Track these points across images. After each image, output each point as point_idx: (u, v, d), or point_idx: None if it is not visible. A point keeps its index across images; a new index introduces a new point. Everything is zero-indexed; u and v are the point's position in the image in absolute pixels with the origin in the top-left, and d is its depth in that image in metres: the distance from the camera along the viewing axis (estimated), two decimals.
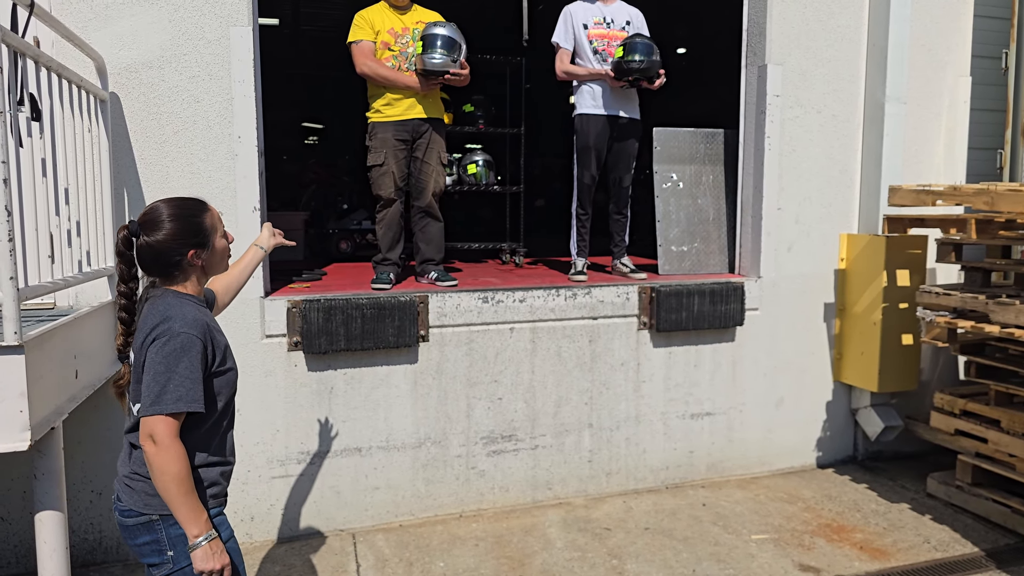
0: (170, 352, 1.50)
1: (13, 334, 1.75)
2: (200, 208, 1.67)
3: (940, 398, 3.57)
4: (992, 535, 3.19)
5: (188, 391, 1.50)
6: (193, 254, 1.62)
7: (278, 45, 8.79)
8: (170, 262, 1.60)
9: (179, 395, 1.49)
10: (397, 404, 3.22)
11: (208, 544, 1.51)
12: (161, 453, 1.47)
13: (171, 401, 1.48)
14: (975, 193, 3.02)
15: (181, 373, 1.50)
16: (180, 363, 1.50)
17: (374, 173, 3.47)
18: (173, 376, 1.49)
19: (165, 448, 1.47)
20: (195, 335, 1.54)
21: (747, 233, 3.90)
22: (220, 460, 1.67)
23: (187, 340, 1.52)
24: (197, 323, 1.56)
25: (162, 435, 1.47)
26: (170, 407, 1.48)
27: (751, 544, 3.10)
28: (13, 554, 2.86)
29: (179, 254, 1.60)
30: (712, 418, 3.76)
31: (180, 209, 1.62)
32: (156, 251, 1.58)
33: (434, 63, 3.32)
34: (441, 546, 3.05)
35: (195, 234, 1.62)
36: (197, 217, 1.64)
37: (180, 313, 1.55)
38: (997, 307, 2.94)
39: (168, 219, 1.59)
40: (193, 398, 1.51)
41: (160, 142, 2.91)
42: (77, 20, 2.77)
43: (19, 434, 1.78)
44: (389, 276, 3.43)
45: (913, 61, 3.93)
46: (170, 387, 1.48)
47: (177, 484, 1.48)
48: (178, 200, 1.65)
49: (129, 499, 1.59)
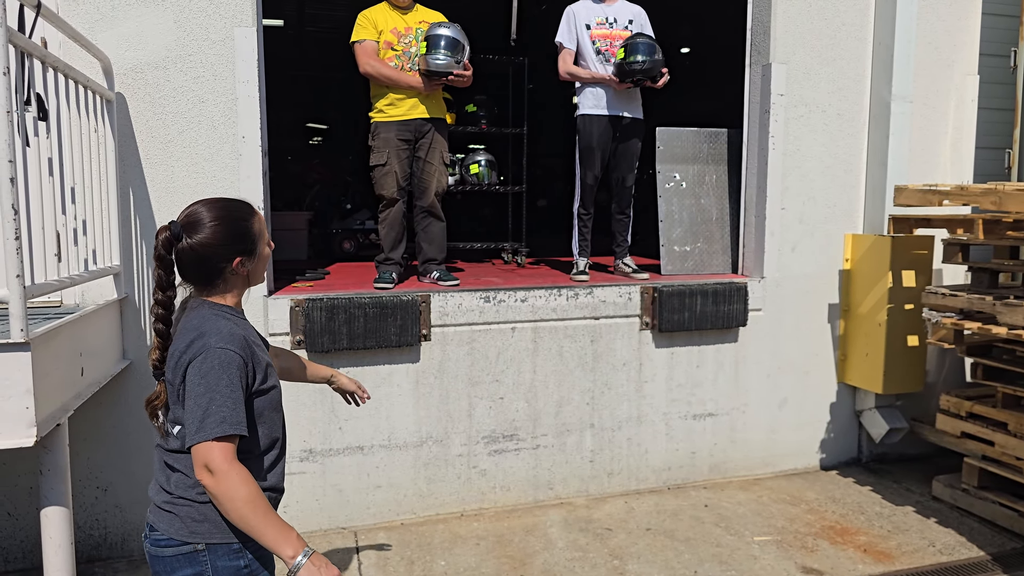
0: (208, 371, 1.37)
1: (19, 331, 1.78)
2: (248, 211, 1.52)
3: (946, 400, 3.55)
4: (998, 539, 3.16)
5: (232, 412, 1.36)
6: (239, 262, 1.47)
7: (283, 46, 8.83)
8: (214, 269, 1.46)
9: (223, 416, 1.35)
10: (399, 403, 3.23)
11: (310, 561, 1.35)
12: (222, 482, 1.33)
13: (215, 424, 1.34)
14: (982, 193, 3.00)
15: (223, 392, 1.37)
16: (220, 382, 1.37)
17: (377, 173, 3.48)
18: (215, 397, 1.35)
19: (224, 474, 1.33)
20: (234, 350, 1.40)
21: (750, 233, 3.89)
22: (272, 486, 1.52)
23: (225, 356, 1.39)
24: (234, 337, 1.42)
25: (218, 462, 1.33)
26: (215, 431, 1.34)
27: (753, 546, 3.09)
28: (20, 549, 2.89)
29: (225, 261, 1.46)
30: (715, 419, 3.75)
31: (227, 211, 1.48)
32: (200, 256, 1.44)
33: (438, 63, 3.33)
34: (442, 545, 3.06)
35: (243, 239, 1.48)
36: (246, 221, 1.50)
37: (215, 327, 1.42)
38: (1004, 308, 2.91)
39: (215, 221, 1.45)
40: (237, 419, 1.37)
41: (165, 142, 2.93)
42: (84, 21, 2.79)
43: (25, 430, 1.80)
44: (392, 276, 3.44)
45: (919, 59, 3.90)
46: (212, 409, 1.35)
47: (252, 508, 1.34)
48: (224, 201, 1.50)
49: (169, 527, 1.43)
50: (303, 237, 5.46)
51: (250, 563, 1.46)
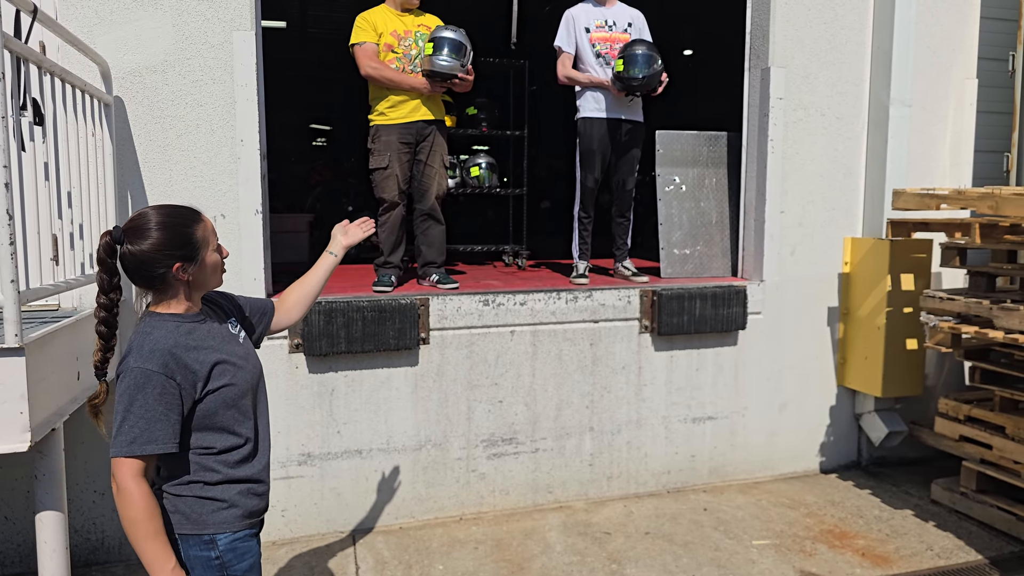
0: (124, 390, 1.42)
1: (14, 336, 1.77)
2: (192, 218, 1.54)
3: (945, 403, 3.54)
4: (996, 542, 3.16)
5: (141, 432, 1.40)
6: (179, 267, 1.49)
7: (285, 47, 8.83)
8: (153, 274, 1.48)
9: (132, 437, 1.40)
10: (398, 406, 3.23)
11: None
12: (120, 496, 1.40)
13: (124, 444, 1.40)
14: (979, 197, 3.00)
15: (135, 413, 1.41)
16: (134, 403, 1.41)
17: (377, 176, 3.48)
18: (128, 416, 1.41)
19: (123, 491, 1.40)
20: (151, 369, 1.42)
21: (750, 236, 3.89)
22: (244, 478, 1.56)
23: (140, 376, 1.42)
24: (155, 354, 1.44)
25: (121, 477, 1.40)
26: (123, 450, 1.40)
27: (752, 550, 3.08)
28: (16, 553, 2.89)
29: (163, 266, 1.48)
30: (714, 422, 3.75)
31: (169, 218, 1.50)
32: (139, 261, 1.46)
33: (442, 65, 3.33)
34: (440, 549, 3.06)
35: (182, 246, 1.50)
36: (187, 228, 1.52)
37: (140, 343, 1.45)
38: (1002, 312, 2.91)
39: (155, 228, 1.47)
40: (148, 439, 1.41)
41: (163, 145, 2.93)
42: (82, 25, 2.79)
43: (19, 435, 1.80)
44: (391, 279, 3.44)
45: (918, 63, 3.90)
46: (124, 428, 1.40)
47: (134, 528, 1.40)
48: (168, 208, 1.53)
49: None
50: (304, 239, 5.46)
51: (221, 554, 1.52)
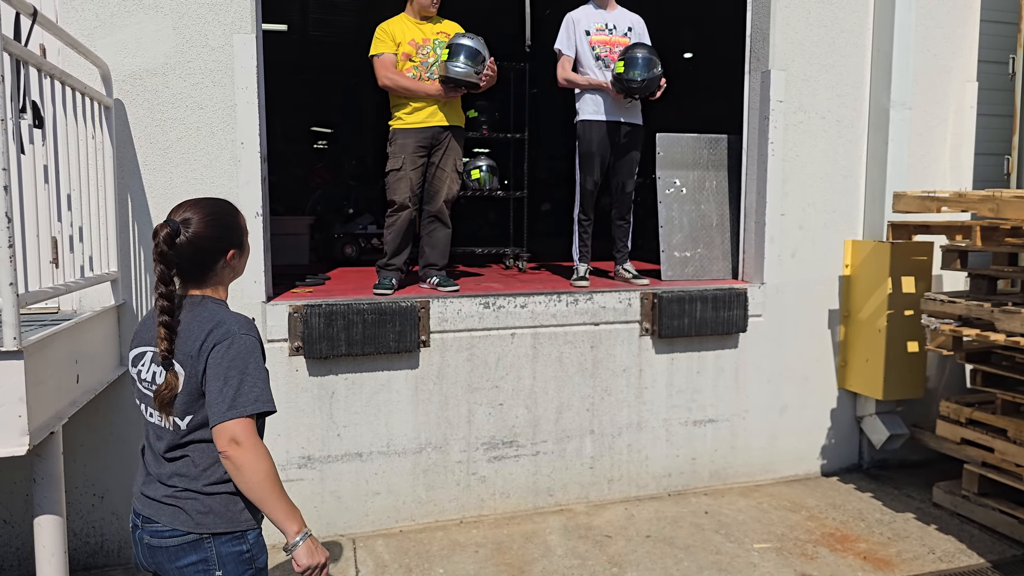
0: (236, 355, 1.46)
1: (12, 340, 1.77)
2: (234, 208, 1.64)
3: (946, 406, 3.53)
4: (999, 546, 3.15)
5: (263, 391, 1.47)
6: (232, 255, 1.58)
7: (286, 50, 8.85)
8: (209, 263, 1.55)
9: (256, 395, 1.46)
10: (398, 409, 3.22)
11: (309, 540, 1.48)
12: (248, 452, 1.43)
13: (248, 403, 1.44)
14: (980, 200, 2.99)
15: (252, 374, 1.47)
16: (249, 364, 1.47)
17: (391, 178, 3.51)
18: (246, 378, 1.45)
19: (252, 447, 1.43)
20: (255, 337, 1.52)
21: (750, 239, 3.88)
22: None
23: (250, 342, 1.50)
24: (251, 324, 1.54)
25: (245, 435, 1.43)
26: (248, 408, 1.44)
27: (753, 553, 3.07)
28: (15, 557, 2.88)
29: (221, 253, 1.56)
30: (715, 425, 3.74)
31: (218, 207, 1.58)
32: (199, 249, 1.52)
33: (457, 71, 3.38)
34: (441, 552, 3.05)
35: (234, 233, 1.59)
36: (235, 216, 1.62)
37: (232, 317, 1.52)
38: (1003, 315, 2.90)
39: (209, 217, 1.54)
40: (268, 398, 1.48)
41: (164, 148, 2.93)
42: (82, 28, 2.80)
43: (18, 439, 1.79)
44: (392, 282, 3.44)
45: (918, 66, 3.90)
46: (244, 389, 1.45)
47: (271, 482, 1.45)
48: (212, 200, 1.60)
49: (173, 519, 1.50)
50: (305, 241, 5.46)
51: (251, 547, 1.55)
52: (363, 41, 3.82)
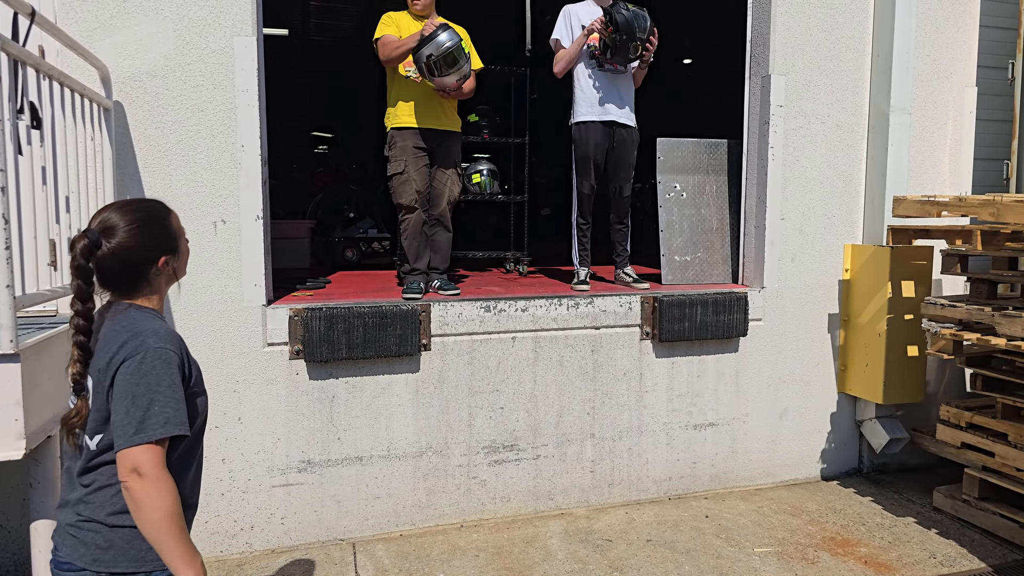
0: (149, 370, 1.31)
1: (9, 342, 1.75)
2: (165, 209, 1.50)
3: (946, 411, 3.53)
4: (999, 550, 3.14)
5: (175, 412, 1.31)
6: (164, 261, 1.45)
7: (287, 54, 8.85)
8: (138, 272, 1.42)
9: (166, 417, 1.30)
10: (398, 413, 3.21)
11: None
12: (150, 487, 1.27)
13: (158, 426, 1.29)
14: (980, 204, 2.99)
15: (165, 393, 1.31)
16: (162, 382, 1.31)
17: (395, 182, 3.51)
18: (156, 397, 1.30)
19: (154, 480, 1.28)
20: (172, 350, 1.36)
21: (750, 243, 3.88)
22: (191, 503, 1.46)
23: (166, 355, 1.34)
24: (172, 337, 1.39)
25: (149, 466, 1.27)
26: (158, 432, 1.28)
27: (754, 557, 3.06)
28: (11, 562, 2.85)
29: (150, 262, 1.42)
30: (715, 429, 3.73)
31: (144, 212, 1.44)
32: (123, 260, 1.39)
33: (440, 38, 3.22)
34: (441, 556, 3.03)
35: (165, 238, 1.46)
36: (164, 219, 1.47)
37: (150, 327, 1.37)
38: (1003, 319, 2.90)
39: (133, 224, 1.40)
40: (180, 420, 1.32)
41: (164, 150, 2.92)
42: (82, 29, 2.79)
43: (14, 443, 1.77)
44: (419, 286, 3.43)
45: (918, 71, 3.91)
46: (154, 409, 1.29)
47: (170, 522, 1.28)
48: (137, 202, 1.47)
49: (72, 551, 1.35)
50: (305, 245, 5.46)
51: None
52: (364, 45, 3.83)
